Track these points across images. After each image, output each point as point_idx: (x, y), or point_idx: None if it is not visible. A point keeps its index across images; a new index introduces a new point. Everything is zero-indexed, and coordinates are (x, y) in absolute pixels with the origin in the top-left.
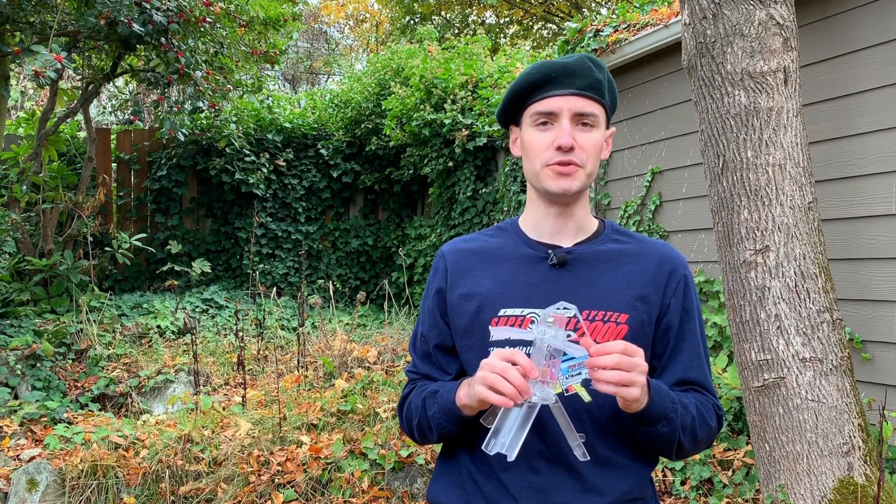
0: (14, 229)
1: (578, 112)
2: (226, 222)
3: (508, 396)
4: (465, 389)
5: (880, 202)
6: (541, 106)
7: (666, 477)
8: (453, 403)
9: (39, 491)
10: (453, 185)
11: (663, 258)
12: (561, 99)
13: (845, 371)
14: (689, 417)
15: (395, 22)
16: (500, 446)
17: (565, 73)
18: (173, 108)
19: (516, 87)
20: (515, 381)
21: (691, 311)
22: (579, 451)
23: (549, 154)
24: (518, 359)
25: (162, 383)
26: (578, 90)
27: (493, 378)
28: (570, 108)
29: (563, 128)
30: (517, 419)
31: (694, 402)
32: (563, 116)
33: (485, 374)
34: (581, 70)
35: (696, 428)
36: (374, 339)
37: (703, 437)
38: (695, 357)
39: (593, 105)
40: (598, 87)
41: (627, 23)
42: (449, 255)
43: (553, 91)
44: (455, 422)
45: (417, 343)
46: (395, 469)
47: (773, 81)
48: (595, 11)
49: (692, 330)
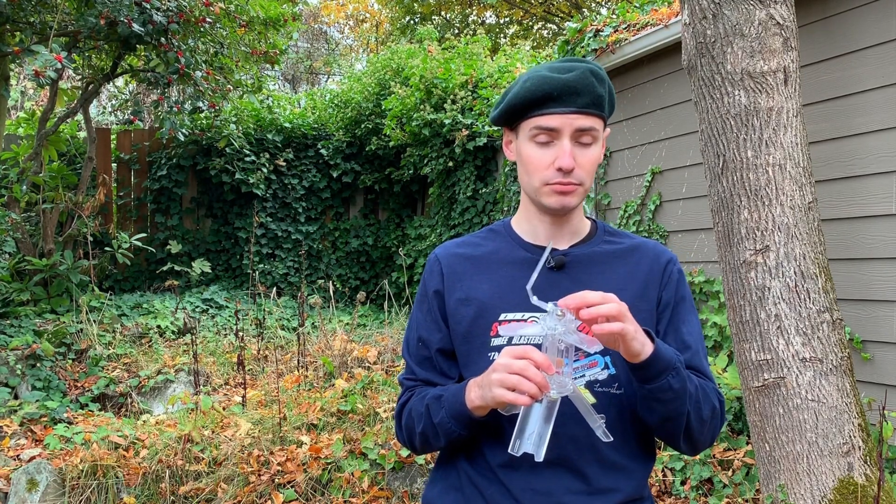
0: (14, 229)
1: (579, 129)
2: (226, 222)
3: (529, 395)
4: (477, 391)
5: (880, 202)
6: (541, 121)
7: (666, 477)
8: (464, 406)
9: (39, 491)
10: (453, 185)
11: (655, 256)
12: (563, 117)
13: (845, 371)
14: (693, 385)
15: (395, 22)
16: (527, 446)
17: (568, 90)
18: (173, 108)
19: (515, 101)
20: (535, 378)
21: (686, 299)
22: (601, 432)
23: (550, 174)
24: (533, 356)
25: (162, 383)
26: (580, 108)
27: (514, 379)
28: (571, 126)
29: (564, 149)
30: (540, 416)
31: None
32: (565, 135)
33: (502, 375)
34: (583, 87)
35: (700, 401)
36: (374, 339)
37: (707, 416)
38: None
39: (594, 120)
40: (600, 102)
41: (627, 23)
42: (444, 259)
43: (554, 108)
44: (466, 425)
45: (413, 348)
46: (395, 469)
47: (773, 81)
48: (595, 11)
49: (686, 319)
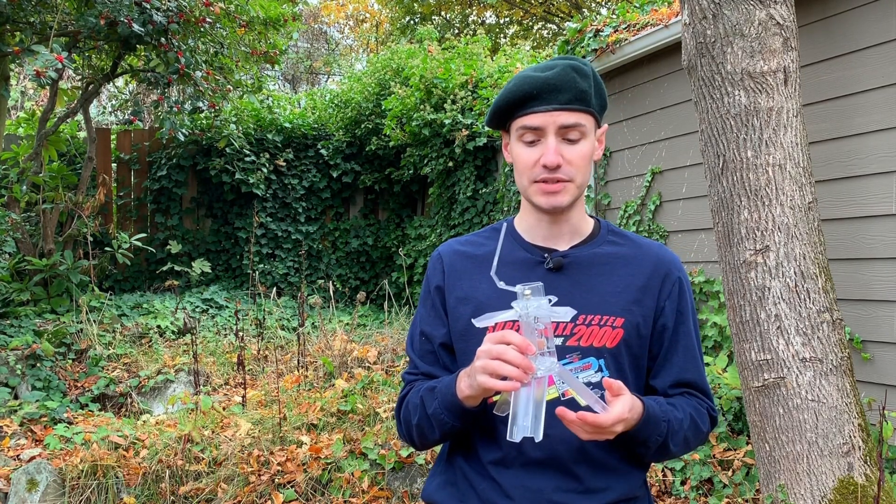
0: (14, 229)
1: (563, 125)
2: (226, 222)
3: (514, 378)
4: (466, 380)
5: (880, 202)
6: (525, 121)
7: (666, 477)
8: (455, 396)
9: (39, 491)
10: (453, 185)
11: (658, 261)
12: (545, 115)
13: (845, 371)
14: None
15: (395, 22)
16: (524, 430)
17: (547, 88)
18: (173, 108)
19: (500, 103)
20: (515, 360)
21: (686, 313)
22: (599, 407)
23: (537, 171)
24: (511, 338)
25: (162, 383)
26: (562, 104)
27: (495, 364)
28: (554, 122)
29: (548, 146)
30: (530, 398)
31: (689, 413)
32: (549, 133)
33: (483, 362)
34: (564, 84)
35: (689, 438)
36: (374, 339)
37: (694, 444)
38: (690, 359)
39: (579, 116)
40: (584, 97)
41: (627, 23)
42: (446, 257)
43: (536, 107)
44: (459, 415)
45: (417, 343)
46: (395, 469)
47: (773, 81)
48: (595, 11)
49: (687, 332)
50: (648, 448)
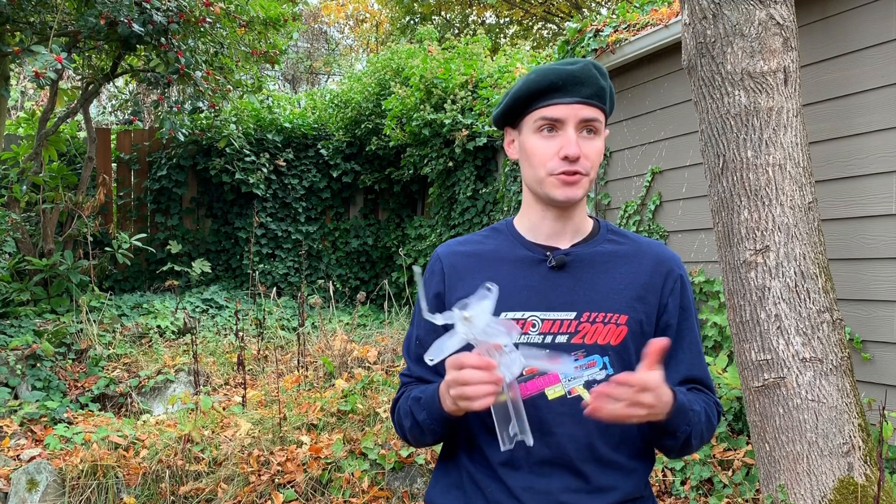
0: (14, 229)
1: (584, 119)
2: (226, 222)
3: (487, 395)
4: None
5: (880, 202)
6: (547, 112)
7: (666, 477)
8: (441, 410)
9: (39, 491)
10: (453, 185)
11: (659, 258)
12: (567, 107)
13: (845, 371)
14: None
15: (395, 22)
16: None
17: (573, 80)
18: (173, 108)
19: (521, 92)
20: (481, 379)
21: (689, 310)
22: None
23: (555, 163)
24: (467, 361)
25: (162, 383)
26: (585, 98)
27: (458, 391)
28: (576, 115)
29: (569, 137)
30: (510, 406)
31: (703, 408)
32: (569, 125)
33: (455, 391)
34: (587, 78)
35: (704, 432)
36: (374, 339)
37: (707, 439)
38: (696, 354)
39: (597, 112)
40: (603, 94)
41: (627, 23)
42: (445, 258)
43: (559, 99)
44: (447, 425)
45: (412, 346)
46: (395, 469)
47: (773, 81)
48: (595, 11)
49: (690, 328)
50: (677, 439)
